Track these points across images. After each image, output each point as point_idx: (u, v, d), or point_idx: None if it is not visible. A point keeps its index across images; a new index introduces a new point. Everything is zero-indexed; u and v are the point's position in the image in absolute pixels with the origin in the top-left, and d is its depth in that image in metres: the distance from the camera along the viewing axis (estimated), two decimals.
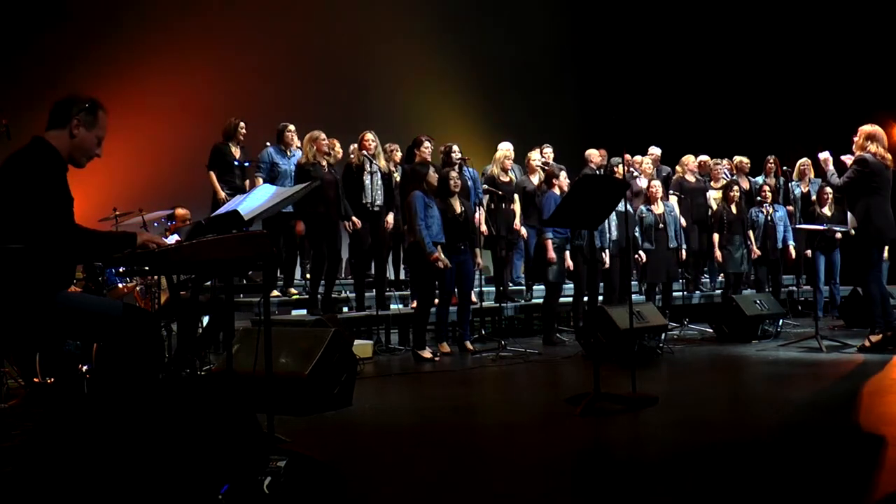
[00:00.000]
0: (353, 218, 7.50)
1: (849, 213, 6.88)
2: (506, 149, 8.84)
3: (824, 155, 6.97)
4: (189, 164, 8.67)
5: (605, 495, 3.09)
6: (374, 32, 11.33)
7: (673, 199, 9.44)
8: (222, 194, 7.57)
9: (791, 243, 9.50)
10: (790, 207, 9.89)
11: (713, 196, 9.81)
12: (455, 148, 8.02)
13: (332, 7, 11.00)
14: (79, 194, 3.11)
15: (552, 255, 7.66)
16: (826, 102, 12.26)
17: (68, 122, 3.09)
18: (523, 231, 8.67)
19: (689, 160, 10.00)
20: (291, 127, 7.89)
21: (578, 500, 3.07)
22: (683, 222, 9.32)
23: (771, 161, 10.45)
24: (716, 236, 9.30)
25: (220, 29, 9.90)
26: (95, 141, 3.16)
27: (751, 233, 9.40)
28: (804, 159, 10.24)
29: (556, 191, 7.84)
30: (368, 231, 7.70)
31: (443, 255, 6.91)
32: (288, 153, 7.84)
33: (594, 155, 9.58)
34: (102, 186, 8.30)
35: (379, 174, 7.76)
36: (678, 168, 10.07)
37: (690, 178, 9.86)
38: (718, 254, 9.28)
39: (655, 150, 10.42)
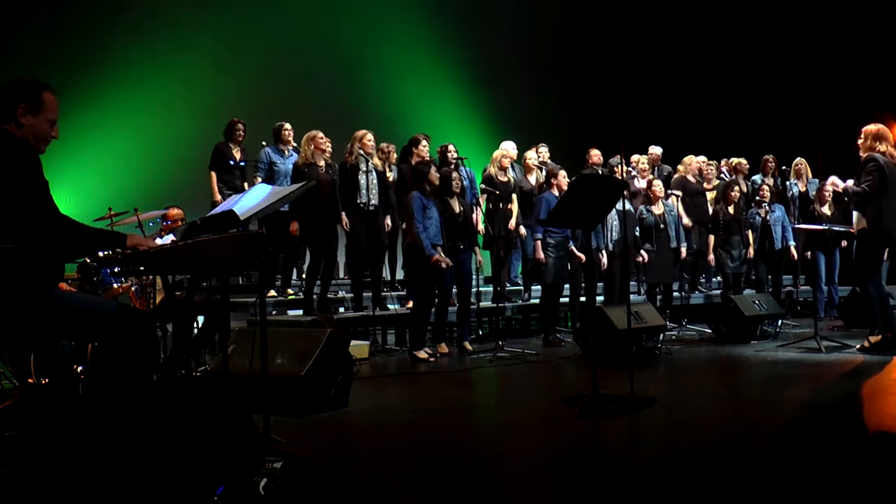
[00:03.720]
0: (343, 217, 7.47)
1: (854, 213, 6.79)
2: (504, 148, 8.80)
3: (833, 180, 6.86)
4: (185, 164, 8.64)
5: (603, 496, 3.07)
6: (371, 33, 11.32)
7: (672, 199, 9.39)
8: (219, 197, 7.55)
9: (791, 243, 9.41)
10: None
11: (709, 198, 9.80)
12: (451, 147, 8.04)
13: (330, 6, 10.98)
14: (75, 194, 3.08)
15: (540, 255, 7.68)
16: (824, 102, 12.27)
17: (13, 114, 2.99)
18: (522, 230, 8.64)
19: (691, 160, 9.96)
20: (288, 125, 7.89)
21: (576, 500, 3.05)
22: (688, 221, 9.26)
23: (770, 161, 10.43)
24: (711, 238, 9.26)
25: (216, 28, 9.88)
26: (48, 125, 3.05)
27: (749, 233, 9.37)
28: (799, 159, 10.22)
29: (555, 191, 7.81)
30: (365, 231, 7.64)
31: (443, 256, 6.89)
32: (285, 152, 7.84)
33: (595, 155, 9.55)
34: (97, 186, 8.27)
35: (374, 174, 7.69)
36: (680, 168, 10.03)
37: (691, 178, 9.81)
38: (711, 256, 9.24)
39: (656, 149, 10.38)
